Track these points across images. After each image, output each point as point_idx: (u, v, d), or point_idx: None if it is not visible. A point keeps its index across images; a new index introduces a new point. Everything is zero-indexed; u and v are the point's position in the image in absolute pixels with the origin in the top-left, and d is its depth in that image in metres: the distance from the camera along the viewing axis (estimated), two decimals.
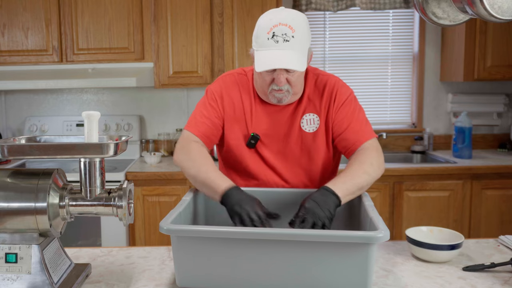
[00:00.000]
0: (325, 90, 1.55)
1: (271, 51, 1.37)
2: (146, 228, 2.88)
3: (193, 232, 1.12)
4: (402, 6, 3.27)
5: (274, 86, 1.44)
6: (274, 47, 1.37)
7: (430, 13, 1.47)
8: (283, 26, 1.36)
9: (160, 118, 3.49)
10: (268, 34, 1.37)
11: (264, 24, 1.39)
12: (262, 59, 1.38)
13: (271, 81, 1.43)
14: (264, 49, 1.38)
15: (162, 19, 3.02)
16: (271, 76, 1.42)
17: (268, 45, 1.38)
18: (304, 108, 1.54)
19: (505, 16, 1.16)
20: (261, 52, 1.39)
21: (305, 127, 1.54)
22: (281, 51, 1.37)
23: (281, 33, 1.36)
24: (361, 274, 1.08)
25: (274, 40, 1.37)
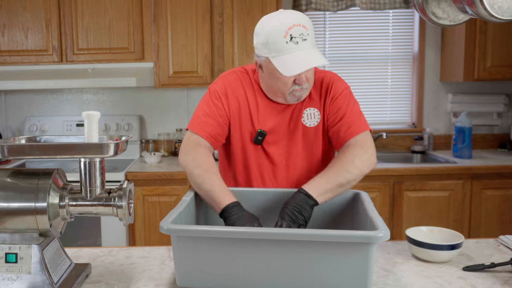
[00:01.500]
0: (322, 84, 1.57)
1: (294, 54, 1.37)
2: (146, 228, 2.88)
3: (193, 232, 1.12)
4: (402, 6, 3.27)
5: (296, 87, 1.45)
6: (295, 49, 1.37)
7: (430, 13, 1.47)
8: (298, 27, 1.37)
9: (160, 118, 3.49)
10: (286, 38, 1.37)
11: (276, 29, 1.38)
12: (287, 63, 1.38)
13: (292, 82, 1.44)
14: (286, 53, 1.38)
15: (162, 19, 3.02)
16: (292, 78, 1.43)
17: (288, 48, 1.37)
18: (305, 103, 1.56)
19: (505, 16, 1.16)
20: (284, 57, 1.38)
21: (306, 121, 1.56)
22: (304, 51, 1.38)
23: (298, 33, 1.37)
24: (361, 274, 1.08)
25: (293, 42, 1.37)
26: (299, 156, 1.57)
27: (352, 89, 1.62)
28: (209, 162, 1.46)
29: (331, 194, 1.38)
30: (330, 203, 1.46)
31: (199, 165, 1.44)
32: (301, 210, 1.31)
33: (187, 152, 1.49)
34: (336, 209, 1.47)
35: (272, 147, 1.56)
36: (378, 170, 2.85)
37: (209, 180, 1.40)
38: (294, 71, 1.37)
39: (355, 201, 1.43)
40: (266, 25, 1.41)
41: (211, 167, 1.44)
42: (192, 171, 1.45)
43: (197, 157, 1.46)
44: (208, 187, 1.39)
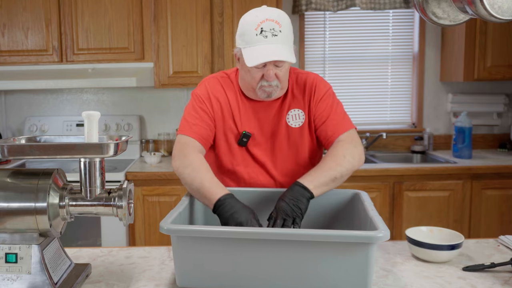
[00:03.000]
0: (306, 85, 1.59)
1: (261, 46, 1.39)
2: (146, 228, 2.88)
3: (193, 232, 1.12)
4: (402, 6, 3.27)
5: (264, 82, 1.46)
6: (263, 42, 1.39)
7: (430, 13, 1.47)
8: (270, 22, 1.40)
9: (160, 118, 3.49)
10: (256, 30, 1.39)
11: (250, 21, 1.42)
12: (252, 54, 1.40)
13: (260, 77, 1.45)
14: (253, 45, 1.40)
15: (162, 19, 3.02)
16: (260, 72, 1.44)
17: (256, 40, 1.40)
18: (289, 104, 1.57)
19: (505, 16, 1.16)
20: (251, 48, 1.41)
21: (291, 122, 1.57)
22: (271, 45, 1.39)
23: (269, 28, 1.39)
24: (361, 274, 1.08)
25: (263, 36, 1.39)
26: (284, 157, 1.58)
27: (352, 89, 1.63)
28: (199, 160, 1.45)
29: (326, 187, 1.39)
30: (330, 203, 1.46)
31: (188, 164, 1.44)
32: (298, 202, 1.31)
33: (178, 155, 1.49)
34: (336, 209, 1.47)
35: (256, 148, 1.57)
36: (378, 170, 2.85)
37: (198, 177, 1.39)
38: (255, 62, 1.39)
39: (355, 201, 1.44)
40: (244, 17, 1.46)
41: (201, 165, 1.44)
42: (182, 172, 1.44)
43: (187, 158, 1.46)
44: (199, 185, 1.38)
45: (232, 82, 1.60)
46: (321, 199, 1.45)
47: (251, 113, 1.57)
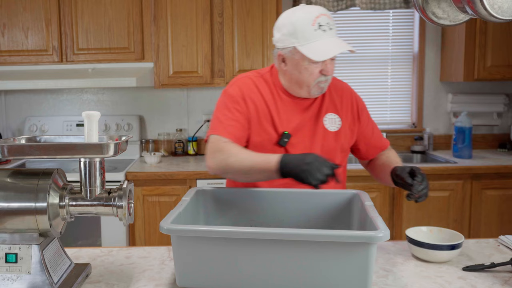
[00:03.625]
0: (343, 93, 1.62)
1: (323, 41, 1.42)
2: (146, 228, 2.88)
3: (193, 232, 1.12)
4: (402, 6, 3.26)
5: (322, 78, 1.48)
6: (325, 36, 1.42)
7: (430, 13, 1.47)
8: (324, 16, 1.44)
9: (160, 118, 3.49)
10: (314, 26, 1.42)
11: (302, 18, 1.43)
12: (318, 49, 1.41)
13: (318, 72, 1.46)
14: (314, 41, 1.42)
15: (162, 19, 3.02)
16: (319, 68, 1.46)
17: (317, 35, 1.42)
18: (326, 107, 1.59)
19: (505, 16, 1.16)
20: (313, 44, 1.42)
21: (327, 126, 1.58)
22: (333, 39, 1.43)
23: (325, 22, 1.43)
24: (361, 274, 1.08)
25: (321, 30, 1.42)
26: None
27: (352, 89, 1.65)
28: (236, 146, 1.44)
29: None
30: (330, 203, 1.46)
31: (229, 154, 1.41)
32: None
33: (212, 153, 1.46)
34: (336, 209, 1.47)
35: (293, 149, 1.54)
36: None
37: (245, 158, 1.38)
38: (326, 56, 1.40)
39: (355, 201, 1.44)
40: (291, 17, 1.46)
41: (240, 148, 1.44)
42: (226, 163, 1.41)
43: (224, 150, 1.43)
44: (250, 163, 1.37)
45: (267, 82, 1.58)
46: (321, 199, 1.45)
47: (290, 113, 1.55)
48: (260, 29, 3.03)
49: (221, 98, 1.58)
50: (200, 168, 2.93)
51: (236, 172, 1.41)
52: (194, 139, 3.40)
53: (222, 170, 1.44)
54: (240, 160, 1.39)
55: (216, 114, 1.55)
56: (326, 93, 1.59)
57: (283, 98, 1.56)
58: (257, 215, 1.46)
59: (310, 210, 1.46)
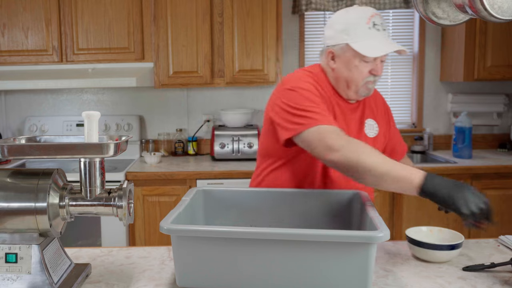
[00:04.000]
0: (377, 98, 1.65)
1: (378, 39, 1.43)
2: (146, 228, 2.88)
3: (193, 232, 1.12)
4: (402, 6, 3.27)
5: (370, 78, 1.48)
6: (379, 35, 1.44)
7: (430, 13, 1.47)
8: (378, 16, 1.46)
9: (160, 118, 3.49)
10: (368, 24, 1.43)
11: (357, 17, 1.45)
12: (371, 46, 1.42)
13: (368, 72, 1.47)
14: (368, 38, 1.43)
15: (162, 19, 3.02)
16: (369, 67, 1.46)
17: (371, 33, 1.43)
18: (367, 113, 1.60)
19: (505, 16, 1.16)
20: (366, 41, 1.43)
21: (367, 131, 1.59)
22: (387, 38, 1.45)
23: (379, 22, 1.45)
24: (361, 274, 1.08)
25: (376, 29, 1.44)
26: None
27: None
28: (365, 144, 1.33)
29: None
30: (330, 203, 1.46)
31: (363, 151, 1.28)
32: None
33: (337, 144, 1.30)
34: (336, 209, 1.47)
35: None
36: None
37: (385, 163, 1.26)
38: (379, 52, 1.42)
39: (355, 201, 1.43)
40: (345, 15, 1.48)
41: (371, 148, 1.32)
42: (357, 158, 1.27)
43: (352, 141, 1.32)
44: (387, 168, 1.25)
45: (322, 80, 1.53)
46: (321, 199, 1.45)
47: (341, 116, 1.54)
48: (260, 29, 3.03)
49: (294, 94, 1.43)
50: (200, 168, 2.93)
51: (366, 172, 1.26)
52: (194, 139, 3.40)
53: (348, 166, 1.29)
54: (377, 161, 1.26)
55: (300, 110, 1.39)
56: (366, 99, 1.59)
57: (336, 99, 1.54)
58: (257, 215, 1.46)
59: (310, 210, 1.45)
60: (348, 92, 1.52)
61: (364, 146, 1.32)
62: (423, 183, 1.20)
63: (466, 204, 1.15)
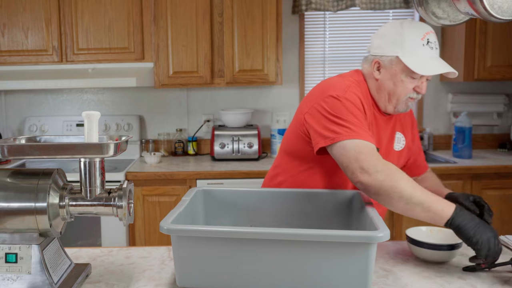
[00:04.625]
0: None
1: (430, 56, 1.42)
2: (146, 228, 2.88)
3: (193, 232, 1.12)
4: (402, 6, 3.27)
5: (413, 95, 1.47)
6: (431, 53, 1.42)
7: (430, 13, 1.47)
8: (433, 34, 1.43)
9: (160, 118, 3.49)
10: (423, 41, 1.41)
11: (413, 32, 1.42)
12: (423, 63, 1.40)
13: (412, 88, 1.45)
14: (420, 55, 1.41)
15: (162, 19, 3.02)
16: (414, 84, 1.45)
17: (423, 50, 1.41)
18: (397, 126, 1.59)
19: (505, 16, 1.16)
20: (417, 57, 1.41)
21: (395, 145, 1.58)
22: (437, 58, 1.43)
23: (433, 40, 1.43)
24: (361, 274, 1.08)
25: (429, 47, 1.41)
26: None
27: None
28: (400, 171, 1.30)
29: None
30: (330, 203, 1.46)
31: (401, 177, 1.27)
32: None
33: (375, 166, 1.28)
34: (336, 209, 1.47)
35: None
36: None
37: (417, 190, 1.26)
38: (431, 71, 1.40)
39: (355, 201, 1.43)
40: (399, 27, 1.44)
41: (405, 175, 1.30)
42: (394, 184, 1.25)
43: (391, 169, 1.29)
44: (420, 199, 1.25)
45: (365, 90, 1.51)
46: (321, 199, 1.45)
47: (375, 126, 1.52)
48: (260, 29, 3.03)
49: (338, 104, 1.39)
50: (200, 168, 2.93)
51: (400, 199, 1.25)
52: (194, 139, 3.40)
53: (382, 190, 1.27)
54: (412, 189, 1.25)
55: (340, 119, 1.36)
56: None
57: (373, 110, 1.51)
58: (257, 215, 1.46)
59: (310, 210, 1.45)
60: (387, 105, 1.49)
61: (400, 172, 1.29)
62: (452, 218, 1.23)
63: (487, 248, 1.20)
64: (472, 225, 1.22)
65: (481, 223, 1.23)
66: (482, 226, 1.22)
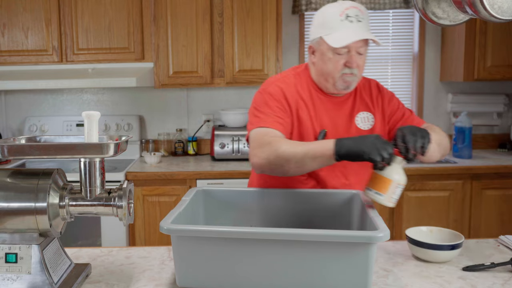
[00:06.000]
0: (371, 89, 1.63)
1: (347, 30, 1.43)
2: (146, 228, 2.88)
3: (193, 232, 1.12)
4: (402, 6, 3.27)
5: (346, 70, 1.48)
6: (350, 27, 1.43)
7: (430, 13, 1.47)
8: (354, 8, 1.44)
9: (160, 118, 3.49)
10: (341, 16, 1.43)
11: (332, 11, 1.46)
12: (340, 37, 1.42)
13: (342, 64, 1.47)
14: (339, 30, 1.43)
15: (162, 19, 3.02)
16: (343, 59, 1.47)
17: (342, 25, 1.43)
18: (358, 107, 1.60)
19: (505, 16, 1.16)
20: (336, 33, 1.44)
21: (360, 125, 1.58)
22: (358, 30, 1.43)
23: (354, 14, 1.44)
24: (361, 274, 1.08)
25: (348, 21, 1.43)
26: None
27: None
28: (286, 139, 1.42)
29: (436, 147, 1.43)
30: (330, 203, 1.46)
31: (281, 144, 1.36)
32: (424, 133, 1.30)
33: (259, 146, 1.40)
34: (335, 209, 1.47)
35: None
36: None
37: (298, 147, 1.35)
38: (343, 42, 1.41)
39: (355, 201, 1.44)
40: (323, 9, 1.49)
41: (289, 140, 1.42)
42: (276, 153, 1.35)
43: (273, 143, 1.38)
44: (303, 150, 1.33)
45: (304, 79, 1.58)
46: (321, 199, 1.45)
47: (324, 110, 1.56)
48: (260, 29, 3.03)
49: (260, 97, 1.54)
50: (200, 168, 2.93)
51: (287, 163, 1.34)
52: (194, 139, 3.40)
53: (271, 164, 1.37)
54: (292, 148, 1.34)
55: (258, 111, 1.51)
56: (357, 93, 1.60)
57: (318, 96, 1.57)
58: (257, 215, 1.46)
59: (310, 210, 1.46)
60: (326, 85, 1.54)
61: (279, 141, 1.39)
62: (335, 150, 1.28)
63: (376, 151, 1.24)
64: (354, 144, 1.26)
65: (359, 137, 1.29)
66: (360, 139, 1.28)
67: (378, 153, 1.23)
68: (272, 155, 1.36)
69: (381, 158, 1.24)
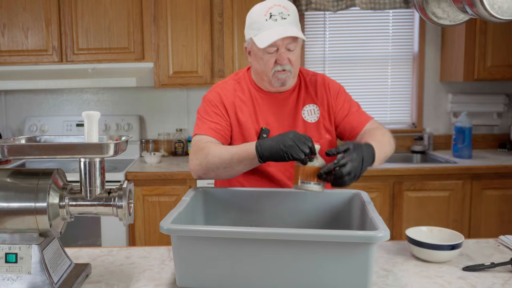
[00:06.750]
0: (317, 83, 1.65)
1: (272, 29, 1.44)
2: (146, 228, 2.88)
3: (193, 232, 1.12)
4: (402, 6, 3.27)
5: (278, 67, 1.50)
6: (274, 25, 1.45)
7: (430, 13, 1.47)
8: (278, 7, 1.46)
9: (160, 118, 3.49)
10: (265, 16, 1.45)
11: (258, 11, 1.48)
12: (265, 37, 1.44)
13: (273, 63, 1.49)
14: (265, 30, 1.45)
15: (162, 19, 3.02)
16: (273, 58, 1.49)
17: (267, 25, 1.45)
18: (303, 100, 1.61)
19: (505, 16, 1.16)
20: (263, 33, 1.45)
21: (307, 117, 1.60)
22: (282, 27, 1.45)
23: (277, 12, 1.45)
24: (361, 274, 1.08)
25: (272, 20, 1.45)
26: None
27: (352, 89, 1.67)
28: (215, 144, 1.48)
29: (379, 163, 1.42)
30: (330, 203, 1.46)
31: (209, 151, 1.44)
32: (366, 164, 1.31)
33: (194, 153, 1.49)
34: (336, 209, 1.47)
35: None
36: (378, 170, 2.85)
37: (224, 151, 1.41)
38: (268, 41, 1.43)
39: (355, 201, 1.44)
40: (252, 9, 1.51)
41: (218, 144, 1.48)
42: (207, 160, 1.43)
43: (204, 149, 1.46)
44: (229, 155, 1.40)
45: (244, 82, 1.63)
46: (321, 199, 1.45)
47: (267, 108, 1.59)
48: None
49: (201, 104, 1.62)
50: None
51: (217, 168, 1.42)
52: None
53: (204, 169, 1.45)
54: (219, 154, 1.41)
55: (198, 118, 1.60)
56: (302, 87, 1.62)
57: (260, 95, 1.60)
58: (257, 215, 1.46)
59: (310, 210, 1.46)
60: (264, 84, 1.58)
61: (208, 147, 1.46)
62: (260, 152, 1.33)
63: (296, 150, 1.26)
64: (275, 144, 1.30)
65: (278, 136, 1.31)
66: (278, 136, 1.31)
67: (300, 149, 1.26)
68: (204, 161, 1.44)
69: (303, 154, 1.27)
